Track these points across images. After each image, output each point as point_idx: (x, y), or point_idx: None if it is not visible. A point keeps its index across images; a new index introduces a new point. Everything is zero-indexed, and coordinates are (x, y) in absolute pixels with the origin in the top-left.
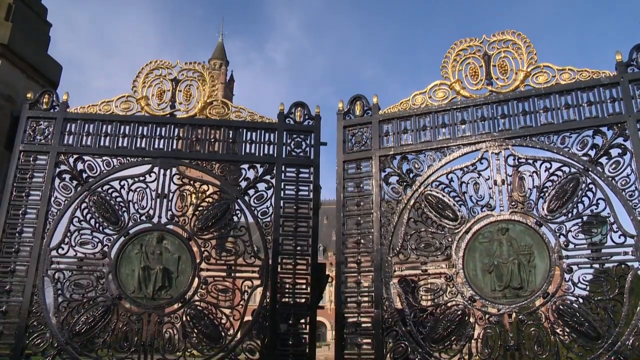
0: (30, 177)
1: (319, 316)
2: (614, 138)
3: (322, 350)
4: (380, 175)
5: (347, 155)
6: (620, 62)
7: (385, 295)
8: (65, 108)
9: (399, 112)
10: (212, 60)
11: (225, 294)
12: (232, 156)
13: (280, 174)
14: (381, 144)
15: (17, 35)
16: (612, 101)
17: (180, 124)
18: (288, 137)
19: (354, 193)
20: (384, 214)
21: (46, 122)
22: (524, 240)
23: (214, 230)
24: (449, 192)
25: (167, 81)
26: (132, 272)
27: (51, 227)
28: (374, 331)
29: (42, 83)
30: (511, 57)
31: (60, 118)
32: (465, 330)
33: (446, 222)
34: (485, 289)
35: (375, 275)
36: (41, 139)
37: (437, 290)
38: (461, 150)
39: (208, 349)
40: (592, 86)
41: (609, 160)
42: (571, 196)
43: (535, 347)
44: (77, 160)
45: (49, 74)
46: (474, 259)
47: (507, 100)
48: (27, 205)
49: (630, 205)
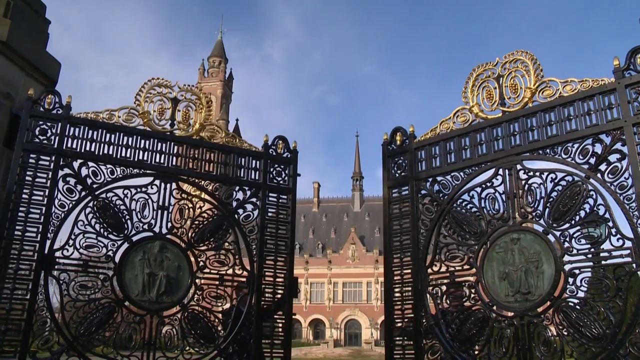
0: (34, 177)
1: (318, 316)
2: (612, 144)
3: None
4: (416, 197)
5: (390, 182)
6: (618, 67)
7: (423, 302)
8: (69, 110)
9: (429, 139)
10: (212, 57)
11: (218, 300)
12: (224, 177)
13: (265, 198)
14: (416, 169)
15: (15, 33)
16: (610, 108)
17: (179, 142)
18: (271, 166)
19: (397, 214)
20: (420, 232)
21: (49, 123)
22: (533, 248)
23: (209, 243)
24: (471, 208)
25: (167, 100)
26: (136, 276)
27: (55, 229)
28: (414, 334)
29: (41, 80)
30: (520, 76)
31: (64, 120)
32: (485, 332)
33: (469, 236)
34: (501, 294)
35: (414, 286)
36: (43, 139)
37: (462, 296)
38: (480, 168)
39: (203, 348)
40: (592, 95)
41: (608, 166)
42: (573, 204)
43: (542, 347)
44: (82, 165)
45: (48, 72)
46: (492, 267)
47: (517, 117)
48: (30, 204)
49: (627, 209)
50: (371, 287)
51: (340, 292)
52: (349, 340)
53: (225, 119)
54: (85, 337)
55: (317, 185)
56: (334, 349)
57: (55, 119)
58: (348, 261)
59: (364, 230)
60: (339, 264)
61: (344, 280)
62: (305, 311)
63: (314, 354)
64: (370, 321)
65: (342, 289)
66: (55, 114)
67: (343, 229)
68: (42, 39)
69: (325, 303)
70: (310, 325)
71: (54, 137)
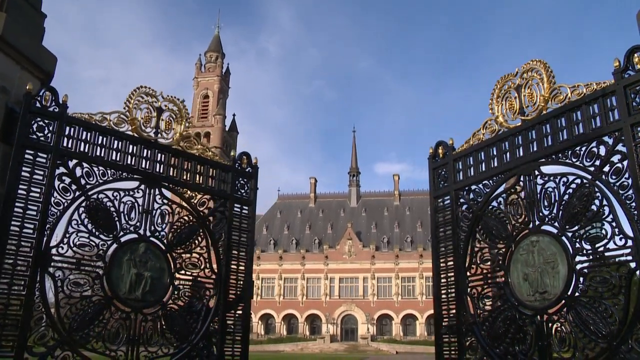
0: (31, 174)
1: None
2: (614, 146)
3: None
4: (456, 205)
5: (435, 192)
6: (617, 68)
7: (463, 303)
8: (65, 109)
9: (464, 150)
10: (209, 52)
11: (192, 299)
12: (198, 186)
13: (232, 209)
14: (455, 180)
15: (11, 26)
16: (612, 110)
17: (162, 150)
18: (236, 179)
19: (441, 222)
20: (460, 238)
21: (46, 120)
22: (550, 250)
23: (185, 246)
24: (499, 213)
25: (153, 108)
26: (122, 275)
27: (52, 226)
28: (458, 332)
29: (37, 74)
30: (536, 84)
31: (62, 119)
32: (512, 329)
33: (498, 240)
34: (524, 294)
35: (457, 287)
36: (41, 136)
37: (494, 297)
38: (505, 175)
39: (179, 343)
40: (595, 98)
41: (611, 167)
42: (582, 206)
43: (559, 344)
44: (76, 165)
45: (44, 66)
46: (517, 269)
47: (533, 125)
48: (28, 201)
49: (628, 208)
50: (367, 282)
51: (337, 287)
52: (345, 336)
53: (222, 114)
54: (77, 333)
55: (314, 180)
56: (331, 344)
57: (52, 117)
58: (344, 257)
59: (361, 226)
60: (336, 260)
61: (341, 276)
62: (302, 306)
63: (310, 349)
64: (366, 316)
65: (339, 284)
66: (52, 111)
67: (340, 224)
68: (38, 32)
69: (322, 298)
70: (306, 321)
71: (50, 135)
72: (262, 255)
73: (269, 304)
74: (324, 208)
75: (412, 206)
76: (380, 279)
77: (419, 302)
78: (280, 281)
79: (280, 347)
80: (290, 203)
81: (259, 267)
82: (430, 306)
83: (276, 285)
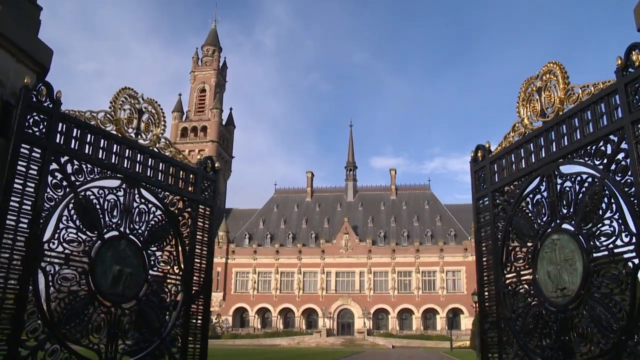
0: (27, 168)
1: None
2: (619, 144)
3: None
4: (492, 207)
5: (476, 194)
6: (619, 66)
7: (500, 300)
8: (59, 105)
9: (498, 153)
10: (206, 46)
11: (162, 295)
12: (171, 187)
13: (197, 210)
14: (492, 181)
15: (6, 18)
16: (616, 108)
17: (141, 151)
18: (201, 182)
19: (482, 223)
20: (498, 237)
21: (41, 116)
22: (569, 247)
23: (158, 244)
24: (527, 213)
25: (134, 110)
26: (105, 271)
27: (44, 222)
28: (497, 327)
29: (33, 67)
30: (553, 86)
31: (56, 115)
32: (540, 324)
33: (527, 239)
34: (549, 291)
35: (496, 285)
36: (36, 131)
37: (525, 293)
38: (531, 176)
39: (151, 336)
40: (602, 97)
41: (617, 165)
42: (593, 204)
43: (578, 339)
44: (67, 162)
45: (40, 58)
46: (543, 266)
47: (552, 126)
48: (23, 195)
49: (632, 205)
50: (364, 276)
51: (333, 281)
52: (341, 330)
53: (219, 108)
54: (64, 327)
55: (311, 174)
56: (327, 338)
57: (47, 112)
58: (341, 251)
59: (357, 220)
60: (332, 254)
61: (337, 270)
62: (298, 301)
63: (306, 343)
64: (362, 310)
65: (335, 278)
66: (47, 106)
67: (336, 218)
68: (34, 25)
69: (318, 292)
70: (303, 315)
71: (45, 130)
72: (258, 249)
73: (265, 298)
74: (320, 202)
75: (409, 201)
76: (377, 273)
77: (415, 296)
78: (277, 275)
79: (276, 341)
80: (287, 197)
81: (255, 261)
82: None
83: (273, 280)
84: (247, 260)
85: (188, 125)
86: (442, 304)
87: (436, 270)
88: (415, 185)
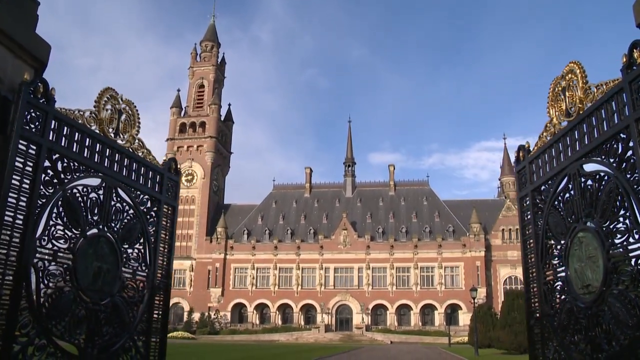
0: (24, 165)
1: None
2: (627, 141)
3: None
4: (532, 206)
5: (520, 194)
6: (624, 64)
7: (543, 296)
8: (53, 102)
9: (534, 153)
10: (204, 42)
11: (133, 291)
12: (142, 187)
13: (161, 209)
14: (531, 181)
15: (3, 12)
16: (624, 106)
17: (119, 151)
18: (166, 182)
19: (526, 222)
20: (538, 235)
21: (37, 113)
22: (592, 245)
23: (130, 242)
24: (560, 211)
25: (115, 110)
26: (86, 268)
27: (37, 218)
28: (540, 322)
29: (31, 63)
30: (575, 86)
31: (51, 113)
32: (572, 321)
33: (560, 236)
34: (578, 287)
35: (538, 282)
36: (33, 128)
37: (560, 290)
38: (560, 175)
39: (121, 332)
40: (612, 95)
41: (627, 163)
42: (609, 202)
43: (602, 335)
44: (57, 160)
45: (38, 54)
46: (573, 263)
47: (575, 126)
48: (20, 191)
49: None
50: (362, 272)
51: (332, 277)
52: (340, 326)
53: (218, 104)
54: (50, 322)
55: (309, 170)
56: (325, 334)
57: (44, 110)
58: (339, 247)
59: (356, 216)
60: (331, 250)
61: (336, 266)
62: (297, 296)
63: (304, 338)
64: (361, 306)
65: (334, 274)
66: (43, 104)
67: (335, 214)
68: (32, 20)
69: (317, 288)
70: (301, 311)
71: (41, 128)
72: (257, 245)
73: (264, 294)
74: (319, 198)
75: (407, 197)
76: (375, 269)
77: (414, 292)
78: (276, 271)
79: (275, 337)
80: (285, 193)
81: (254, 257)
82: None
83: (271, 275)
84: (246, 256)
85: (187, 121)
86: (441, 299)
87: (434, 266)
88: (413, 181)
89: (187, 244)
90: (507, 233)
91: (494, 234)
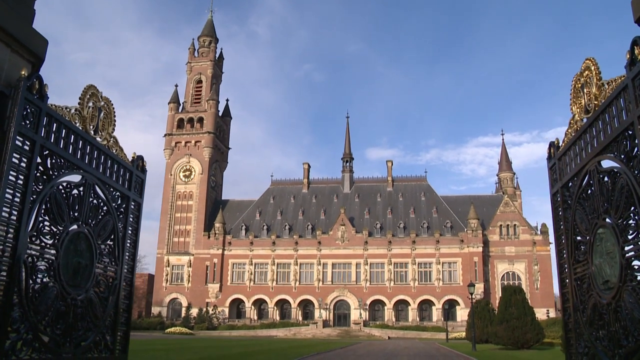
0: (19, 160)
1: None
2: (634, 138)
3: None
4: (562, 202)
5: (552, 190)
6: (628, 61)
7: (573, 291)
8: (47, 99)
9: (561, 151)
10: (202, 37)
11: (104, 286)
12: (115, 184)
13: (130, 205)
14: (560, 177)
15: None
16: (630, 102)
17: (98, 148)
18: (134, 180)
19: (558, 218)
20: (567, 231)
21: (33, 109)
22: (610, 241)
23: (103, 238)
24: (584, 208)
25: (96, 108)
26: (67, 263)
27: (29, 214)
28: (574, 317)
29: (28, 57)
30: (590, 83)
31: (44, 110)
32: (597, 315)
33: (585, 232)
34: (599, 283)
35: (569, 277)
36: (28, 124)
37: (587, 286)
38: (582, 172)
39: (93, 327)
40: (619, 92)
41: (634, 160)
42: (622, 198)
43: (621, 330)
44: (47, 156)
45: (35, 49)
46: (596, 259)
47: (592, 122)
48: (15, 187)
49: None
50: (360, 268)
51: (330, 273)
52: (337, 321)
53: (216, 99)
54: (36, 317)
55: (307, 166)
56: (323, 329)
57: (38, 106)
58: (337, 242)
59: (354, 212)
60: (329, 245)
61: (333, 261)
62: (295, 292)
63: (302, 334)
64: (359, 302)
65: (332, 269)
66: (38, 100)
67: (333, 210)
68: (29, 14)
69: (315, 284)
70: (299, 306)
71: (35, 124)
72: (255, 240)
73: (261, 290)
74: (317, 194)
75: (405, 192)
76: (373, 264)
77: (411, 287)
78: (273, 267)
79: (272, 332)
80: (283, 188)
81: (252, 253)
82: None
83: (269, 271)
84: (244, 251)
85: (184, 117)
86: (438, 295)
87: (432, 262)
88: (411, 177)
89: (185, 239)
90: (505, 229)
91: (491, 229)
